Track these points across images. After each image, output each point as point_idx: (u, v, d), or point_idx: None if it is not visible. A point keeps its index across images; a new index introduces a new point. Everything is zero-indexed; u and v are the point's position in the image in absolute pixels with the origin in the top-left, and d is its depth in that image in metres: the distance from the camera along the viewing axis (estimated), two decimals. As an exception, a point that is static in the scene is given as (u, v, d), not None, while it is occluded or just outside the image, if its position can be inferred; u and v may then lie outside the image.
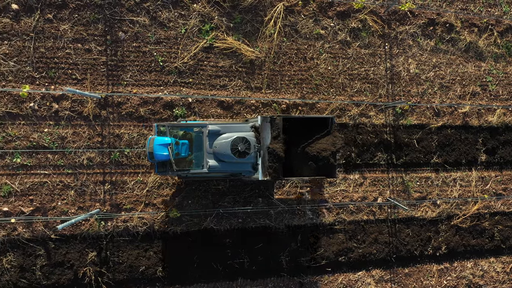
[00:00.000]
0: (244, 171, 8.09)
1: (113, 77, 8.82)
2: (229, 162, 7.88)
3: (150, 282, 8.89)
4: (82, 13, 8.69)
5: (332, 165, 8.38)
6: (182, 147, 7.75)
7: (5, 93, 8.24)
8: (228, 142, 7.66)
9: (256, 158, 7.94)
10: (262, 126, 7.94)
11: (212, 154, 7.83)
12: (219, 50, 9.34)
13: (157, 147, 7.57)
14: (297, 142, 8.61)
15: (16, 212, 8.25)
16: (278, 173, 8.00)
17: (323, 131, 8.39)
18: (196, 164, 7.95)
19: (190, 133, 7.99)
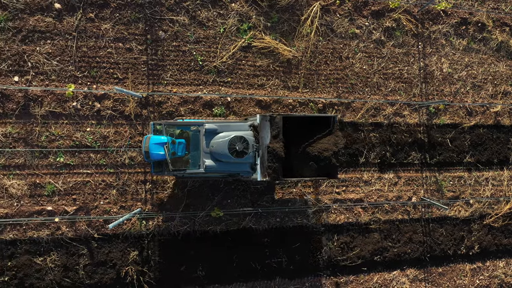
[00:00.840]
0: (242, 172, 8.25)
1: (154, 76, 9.46)
2: (226, 162, 8.02)
3: (190, 281, 9.54)
4: (123, 12, 9.32)
5: (334, 166, 8.68)
6: (178, 146, 7.88)
7: (48, 92, 8.85)
8: (225, 141, 7.84)
9: (254, 158, 8.11)
10: (261, 125, 8.07)
11: (209, 154, 8.02)
12: (257, 49, 10.01)
13: (153, 146, 7.71)
14: (298, 141, 8.96)
15: (60, 211, 8.86)
16: (277, 174, 8.16)
17: (325, 130, 8.61)
18: (193, 164, 8.08)
19: (187, 132, 8.15)
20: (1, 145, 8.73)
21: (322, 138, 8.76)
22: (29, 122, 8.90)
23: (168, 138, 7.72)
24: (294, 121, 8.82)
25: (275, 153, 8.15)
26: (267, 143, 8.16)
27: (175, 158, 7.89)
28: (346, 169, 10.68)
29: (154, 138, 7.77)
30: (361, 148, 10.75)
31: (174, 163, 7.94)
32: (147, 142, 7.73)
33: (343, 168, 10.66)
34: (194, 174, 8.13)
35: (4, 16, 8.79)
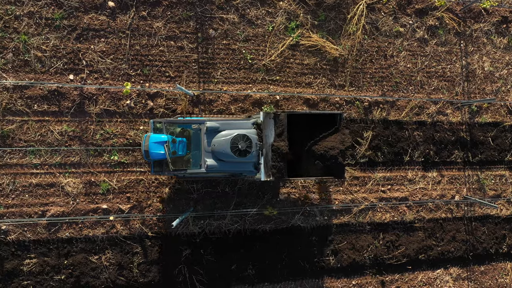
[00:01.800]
0: (245, 171, 8.43)
1: (204, 74, 10.24)
2: (228, 162, 8.17)
3: (240, 280, 10.31)
4: (174, 11, 10.08)
5: (341, 165, 8.77)
6: (179, 145, 8.01)
7: (102, 91, 9.57)
8: (227, 139, 8.01)
9: (258, 157, 8.26)
10: (264, 123, 8.25)
11: (210, 153, 8.16)
12: (304, 47, 10.82)
13: (152, 145, 7.84)
14: (303, 140, 9.33)
15: (115, 209, 9.58)
16: (282, 173, 8.36)
17: (331, 128, 8.85)
18: (194, 163, 8.25)
19: (188, 130, 8.32)
20: (57, 144, 9.43)
21: (328, 136, 8.91)
22: (84, 121, 9.60)
23: (168, 137, 7.87)
24: (299, 119, 8.97)
25: (279, 151, 8.32)
26: (271, 142, 8.34)
27: (175, 157, 8.04)
28: (391, 167, 11.51)
29: (154, 136, 7.91)
30: (405, 146, 11.59)
31: (175, 162, 8.11)
32: (147, 141, 7.87)
33: (388, 167, 11.49)
34: (195, 174, 8.33)
35: (60, 15, 9.50)
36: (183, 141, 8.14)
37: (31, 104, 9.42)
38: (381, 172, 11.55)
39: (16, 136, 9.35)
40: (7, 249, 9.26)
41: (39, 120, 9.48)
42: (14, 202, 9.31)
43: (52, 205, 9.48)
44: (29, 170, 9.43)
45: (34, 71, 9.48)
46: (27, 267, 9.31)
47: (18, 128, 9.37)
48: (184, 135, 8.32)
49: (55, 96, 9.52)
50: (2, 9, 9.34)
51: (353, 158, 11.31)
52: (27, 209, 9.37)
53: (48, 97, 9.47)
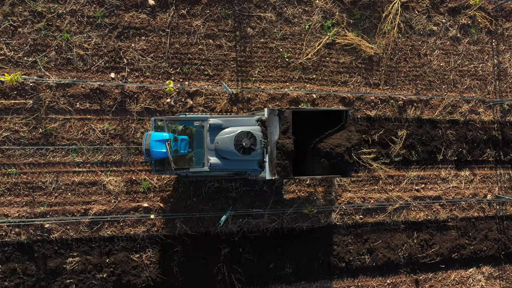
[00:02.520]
0: (250, 170, 8.65)
1: (242, 73, 10.81)
2: (232, 160, 8.32)
3: (278, 278, 10.92)
4: (213, 9, 10.66)
5: (347, 163, 8.99)
6: (181, 143, 8.16)
7: (143, 89, 10.12)
8: (231, 137, 8.16)
9: (262, 155, 8.45)
10: (269, 120, 8.44)
11: (213, 151, 8.30)
12: (340, 46, 11.43)
13: (154, 143, 7.99)
14: (309, 137, 9.34)
15: (155, 208, 10.12)
16: (287, 172, 8.57)
17: (337, 125, 9.10)
18: (197, 162, 8.40)
19: (191, 128, 8.48)
20: (99, 142, 9.96)
21: (334, 133, 9.13)
22: (125, 119, 10.15)
23: (170, 135, 8.04)
24: (305, 116, 9.20)
25: (284, 149, 8.50)
26: (276, 139, 8.55)
27: (177, 156, 8.22)
28: (424, 166, 12.15)
29: (155, 135, 8.09)
30: (439, 145, 12.24)
31: (177, 161, 8.27)
32: (148, 139, 8.06)
33: (422, 165, 12.12)
34: (198, 173, 8.56)
35: (101, 13, 10.04)
36: (185, 139, 8.30)
37: (73, 103, 9.95)
38: (415, 171, 12.18)
39: (59, 135, 9.87)
40: (50, 247, 9.78)
41: (81, 118, 10.00)
42: (57, 200, 9.82)
43: (94, 204, 10.00)
44: (72, 168, 9.95)
45: (76, 69, 10.00)
46: (69, 266, 9.83)
47: (61, 126, 9.88)
48: (186, 133, 8.46)
49: (97, 95, 10.04)
50: (45, 7, 9.86)
51: (388, 157, 11.92)
52: (70, 207, 9.89)
53: (90, 95, 10.00)
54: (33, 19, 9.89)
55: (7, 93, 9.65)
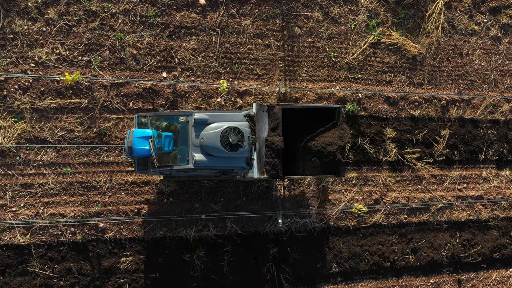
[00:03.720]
0: (237, 167, 8.55)
1: (290, 72, 11.32)
2: (218, 157, 8.27)
3: (325, 278, 11.46)
4: (261, 8, 11.17)
5: (339, 162, 9.02)
6: (165, 140, 8.06)
7: (194, 88, 10.60)
8: (217, 132, 8.08)
9: (250, 152, 8.39)
10: (258, 116, 8.44)
11: (198, 147, 8.20)
12: (385, 45, 11.96)
13: (136, 140, 7.86)
14: (300, 135, 9.40)
15: (206, 208, 10.61)
16: (277, 171, 8.57)
17: (330, 123, 9.12)
18: (181, 159, 8.29)
19: (175, 124, 8.40)
20: (151, 141, 10.41)
21: (326, 131, 9.17)
22: (177, 118, 10.59)
23: (153, 131, 7.97)
24: (296, 113, 9.26)
25: (274, 147, 8.50)
26: (265, 136, 8.54)
27: (161, 153, 8.15)
28: (466, 166, 12.73)
29: (138, 131, 8.00)
30: (480, 145, 12.82)
31: (161, 159, 8.21)
32: (131, 136, 7.96)
33: (464, 165, 12.68)
34: (183, 171, 8.48)
35: (153, 12, 10.51)
36: (169, 135, 8.24)
37: (127, 102, 10.41)
38: (457, 171, 12.76)
39: (113, 134, 10.33)
40: (104, 247, 10.24)
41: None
42: (111, 200, 10.28)
43: (147, 203, 10.46)
44: (125, 168, 10.41)
45: (129, 68, 10.47)
46: (123, 265, 10.28)
47: (114, 125, 10.34)
48: (171, 129, 8.40)
49: (149, 94, 10.51)
50: (99, 7, 10.31)
51: (431, 157, 12.48)
52: (123, 207, 10.35)
53: (143, 94, 10.46)
54: (88, 18, 10.34)
55: (63, 92, 10.09)
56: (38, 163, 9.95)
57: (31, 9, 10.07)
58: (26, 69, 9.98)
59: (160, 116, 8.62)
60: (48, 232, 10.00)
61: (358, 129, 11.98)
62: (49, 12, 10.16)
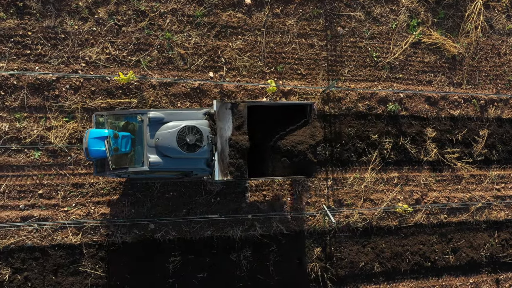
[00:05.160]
0: (196, 169, 8.42)
1: (333, 72, 11.87)
2: (175, 158, 8.13)
3: (367, 277, 12.01)
4: (305, 8, 11.73)
5: (310, 162, 8.93)
6: (122, 140, 7.95)
7: (240, 88, 11.12)
8: (173, 132, 7.95)
9: (211, 153, 8.28)
10: (220, 114, 8.30)
11: (154, 148, 8.07)
12: (425, 45, 12.54)
13: (92, 141, 7.75)
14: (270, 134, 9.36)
15: (252, 207, 11.13)
16: (242, 172, 8.42)
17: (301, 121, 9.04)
18: (136, 160, 8.18)
19: (134, 124, 8.26)
20: (199, 141, 10.92)
21: (297, 129, 9.13)
22: (223, 118, 11.11)
23: (109, 131, 7.90)
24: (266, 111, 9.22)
25: (238, 146, 8.39)
26: (228, 135, 8.44)
27: (118, 154, 8.04)
28: (504, 165, 13.34)
29: (94, 132, 7.90)
30: (518, 144, 13.45)
31: (118, 161, 8.09)
32: (86, 137, 7.89)
33: (502, 165, 13.29)
34: (140, 173, 8.36)
35: (200, 12, 11.04)
36: (127, 136, 8.12)
37: (175, 101, 10.91)
38: (496, 170, 13.37)
39: (161, 134, 10.80)
40: (153, 247, 10.70)
41: (181, 117, 10.94)
42: (160, 200, 10.75)
43: (195, 204, 10.96)
44: (173, 167, 10.88)
45: (177, 68, 10.97)
46: (172, 265, 10.77)
47: (163, 125, 10.81)
48: (129, 129, 8.29)
49: (197, 94, 11.02)
50: (148, 6, 10.81)
51: (470, 156, 13.08)
52: (172, 207, 10.82)
53: (191, 94, 10.97)
54: (137, 18, 10.84)
55: (113, 92, 10.57)
56: (89, 162, 10.41)
57: (81, 9, 10.55)
58: (77, 68, 10.46)
59: (117, 115, 8.41)
60: (99, 232, 10.47)
61: (400, 129, 12.55)
62: (99, 12, 10.65)
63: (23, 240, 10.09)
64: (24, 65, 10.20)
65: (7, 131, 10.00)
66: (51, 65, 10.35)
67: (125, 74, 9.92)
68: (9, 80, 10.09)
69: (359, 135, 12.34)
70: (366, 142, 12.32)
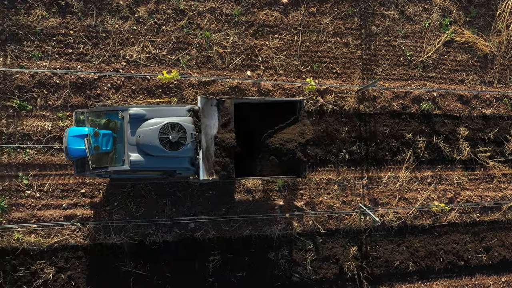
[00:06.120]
0: (180, 168, 8.30)
1: (367, 71, 12.22)
2: (158, 157, 8.03)
3: (402, 276, 12.39)
4: (340, 7, 12.11)
5: (299, 161, 8.86)
6: (103, 138, 7.84)
7: (277, 87, 11.46)
8: (155, 129, 7.81)
9: (195, 151, 8.17)
10: (205, 111, 8.16)
11: (135, 146, 7.93)
12: (457, 44, 12.93)
13: (71, 139, 7.65)
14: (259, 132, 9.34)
15: (290, 206, 11.47)
16: (228, 171, 8.33)
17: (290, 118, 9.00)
18: (117, 159, 8.06)
19: (115, 122, 8.16)
20: (237, 140, 11.24)
21: (286, 127, 9.09)
22: (261, 117, 11.45)
23: (90, 129, 7.82)
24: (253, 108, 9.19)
25: (224, 145, 8.33)
26: (214, 133, 8.34)
27: (99, 153, 7.96)
28: (535, 164, 13.75)
29: (73, 130, 7.82)
30: (549, 143, 13.85)
31: (99, 160, 8.01)
32: (66, 135, 7.80)
33: (532, 164, 13.69)
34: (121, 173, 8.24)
35: (238, 11, 11.38)
36: (108, 134, 8.03)
37: (213, 101, 11.22)
38: (527, 169, 13.77)
39: (200, 133, 11.12)
40: (193, 246, 11.01)
41: (220, 116, 11.26)
42: (200, 199, 11.06)
43: (234, 202, 11.27)
44: (212, 166, 11.20)
45: (215, 67, 11.31)
46: (211, 264, 11.08)
47: (202, 124, 11.13)
48: (110, 126, 8.21)
49: (235, 93, 11.35)
50: (187, 5, 11.14)
51: (502, 155, 13.46)
52: (212, 206, 11.14)
53: (229, 93, 11.30)
54: (176, 17, 11.17)
55: (153, 91, 10.89)
56: (130, 161, 10.72)
57: (122, 8, 10.87)
58: (117, 67, 10.77)
59: (98, 112, 8.31)
60: (141, 231, 10.76)
61: (433, 127, 12.92)
62: (139, 11, 10.97)
63: (66, 239, 10.38)
64: (66, 64, 10.50)
65: (50, 130, 10.29)
66: (93, 64, 10.65)
67: (168, 73, 10.23)
68: (51, 79, 10.38)
69: (393, 134, 12.70)
70: (400, 141, 12.69)
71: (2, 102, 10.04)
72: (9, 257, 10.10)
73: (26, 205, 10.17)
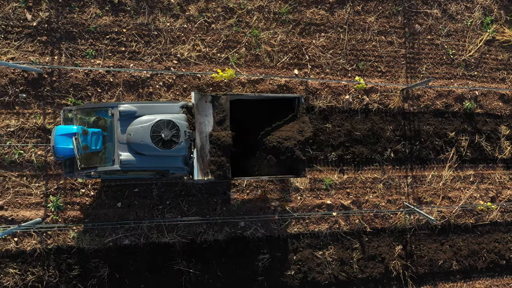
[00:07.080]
0: (173, 168, 8.10)
1: (411, 69, 12.55)
2: (150, 156, 7.85)
3: (445, 275, 12.71)
4: (384, 5, 12.43)
5: (299, 160, 8.70)
6: (92, 137, 7.67)
7: (324, 85, 11.76)
8: (147, 127, 7.62)
9: (189, 150, 7.99)
10: (199, 107, 7.96)
11: (126, 145, 7.74)
12: (498, 43, 13.28)
13: (59, 138, 7.45)
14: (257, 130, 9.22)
15: (337, 205, 11.78)
16: (224, 171, 8.17)
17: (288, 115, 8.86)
18: (107, 159, 7.86)
19: (105, 119, 8.02)
20: (285, 139, 11.52)
21: (284, 125, 8.99)
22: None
23: (78, 128, 7.60)
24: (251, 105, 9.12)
25: (220, 143, 8.17)
26: (209, 131, 8.18)
27: (88, 153, 7.78)
28: None
29: (61, 128, 7.61)
30: None
31: (88, 159, 7.83)
32: (53, 134, 7.58)
33: None
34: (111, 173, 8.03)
35: (286, 9, 11.68)
36: (97, 132, 7.85)
37: (262, 99, 11.51)
38: None
39: (249, 131, 11.41)
40: (243, 245, 11.30)
41: (268, 115, 11.56)
42: (248, 197, 11.35)
43: (283, 201, 11.57)
44: (261, 165, 11.48)
45: (263, 65, 11.60)
46: (261, 263, 11.36)
47: (251, 123, 11.42)
48: (100, 124, 8.05)
49: (283, 91, 11.65)
50: (236, 3, 11.45)
51: (542, 154, 13.85)
52: (261, 204, 11.43)
53: (277, 91, 11.59)
54: (225, 15, 11.46)
55: (204, 89, 11.17)
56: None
57: (173, 6, 11.16)
58: (169, 65, 11.06)
59: (88, 110, 8.13)
60: (192, 230, 11.04)
61: (475, 126, 13.27)
62: (190, 9, 11.26)
63: (120, 238, 10.63)
64: (119, 62, 10.78)
65: (103, 129, 10.57)
66: (145, 62, 10.93)
67: (223, 71, 10.51)
68: (105, 77, 10.65)
69: (437, 133, 13.04)
70: (443, 139, 13.03)
71: (57, 100, 10.28)
72: (65, 255, 10.36)
73: (80, 203, 10.42)
